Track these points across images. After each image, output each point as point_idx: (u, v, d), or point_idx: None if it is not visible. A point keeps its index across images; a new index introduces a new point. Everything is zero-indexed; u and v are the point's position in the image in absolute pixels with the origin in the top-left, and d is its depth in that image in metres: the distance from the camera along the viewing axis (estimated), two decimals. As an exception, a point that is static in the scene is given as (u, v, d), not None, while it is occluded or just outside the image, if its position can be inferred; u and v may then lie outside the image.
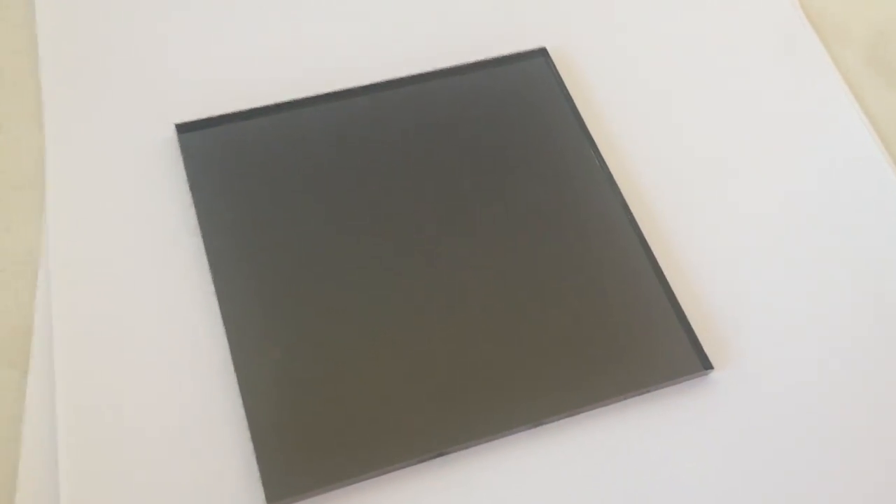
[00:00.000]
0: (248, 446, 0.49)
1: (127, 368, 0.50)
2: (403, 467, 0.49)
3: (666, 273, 0.56)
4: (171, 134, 0.58)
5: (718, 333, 0.55)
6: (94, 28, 0.62)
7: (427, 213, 0.56)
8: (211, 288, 0.53)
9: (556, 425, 0.51)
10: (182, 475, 0.48)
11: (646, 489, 0.50)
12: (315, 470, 0.48)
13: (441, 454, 0.49)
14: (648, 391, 0.52)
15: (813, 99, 0.65)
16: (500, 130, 0.60)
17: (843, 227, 0.60)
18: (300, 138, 0.58)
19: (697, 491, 0.50)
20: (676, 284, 0.56)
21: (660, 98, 0.64)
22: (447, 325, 0.53)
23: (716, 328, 0.55)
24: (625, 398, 0.52)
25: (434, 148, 0.59)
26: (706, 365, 0.53)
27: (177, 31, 0.62)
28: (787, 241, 0.59)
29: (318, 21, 0.65)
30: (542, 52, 0.64)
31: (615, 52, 0.66)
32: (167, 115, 0.58)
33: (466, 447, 0.50)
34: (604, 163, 0.59)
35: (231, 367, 0.51)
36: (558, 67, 0.64)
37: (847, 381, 0.54)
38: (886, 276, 0.58)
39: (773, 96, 0.65)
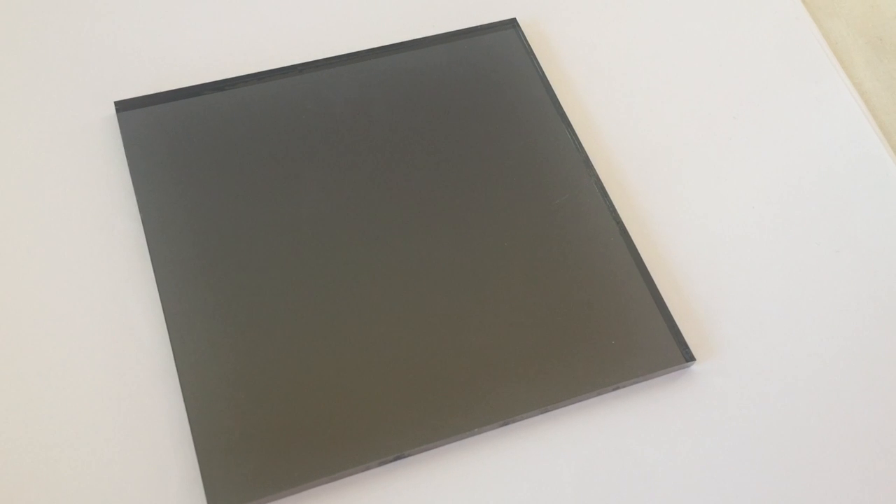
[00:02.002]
0: (191, 452, 0.45)
1: (58, 365, 0.47)
2: (359, 472, 0.46)
3: (645, 259, 0.53)
4: (111, 112, 0.55)
5: (700, 324, 0.52)
6: (30, 1, 0.58)
7: (388, 198, 0.53)
8: (151, 278, 0.49)
9: (528, 422, 0.48)
10: (121, 486, 0.44)
11: (625, 486, 0.47)
12: (262, 476, 0.44)
13: (400, 457, 0.46)
14: (627, 385, 0.49)
15: (801, 75, 0.63)
16: (467, 108, 0.57)
17: (834, 212, 0.57)
18: (249, 116, 0.55)
19: (680, 486, 0.47)
20: (656, 271, 0.53)
21: (637, 74, 0.61)
22: (409, 319, 0.49)
23: (697, 319, 0.52)
24: (602, 393, 0.49)
25: (395, 126, 0.55)
26: (688, 357, 0.50)
27: (117, 5, 0.59)
28: (773, 228, 0.56)
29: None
30: (512, 24, 0.60)
31: (590, 23, 0.63)
32: (106, 92, 0.55)
33: (429, 448, 0.46)
34: (579, 143, 0.56)
35: (173, 364, 0.47)
36: (529, 39, 0.61)
37: (831, 371, 0.52)
38: (875, 264, 0.55)
39: (759, 73, 0.62)
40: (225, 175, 0.52)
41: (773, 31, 0.64)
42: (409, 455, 0.46)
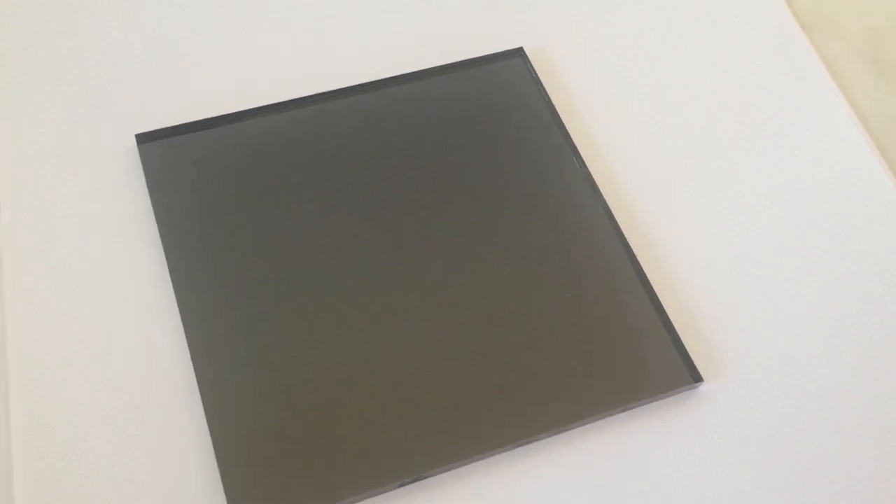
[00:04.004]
0: (214, 472, 0.46)
1: (84, 390, 0.48)
2: (378, 494, 0.47)
3: (652, 282, 0.55)
4: (132, 144, 0.56)
5: (708, 344, 0.53)
6: (50, 36, 0.60)
7: (400, 226, 0.54)
8: (174, 304, 0.51)
9: (540, 444, 0.49)
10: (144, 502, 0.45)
11: (635, 509, 0.48)
12: (284, 497, 0.45)
13: (418, 479, 0.47)
14: (636, 406, 0.50)
15: (801, 96, 0.64)
16: (476, 135, 0.58)
17: (835, 230, 0.58)
18: (266, 147, 0.56)
19: (689, 508, 0.48)
20: (663, 294, 0.55)
21: (642, 99, 0.62)
22: (424, 342, 0.50)
23: (705, 339, 0.53)
24: (611, 414, 0.50)
25: (406, 156, 0.57)
26: (695, 377, 0.51)
27: (136, 41, 0.61)
28: (777, 245, 0.57)
29: (283, 27, 0.63)
30: (519, 52, 0.62)
31: (595, 51, 0.64)
32: (127, 125, 0.57)
33: (445, 471, 0.48)
34: (585, 167, 0.57)
35: (196, 387, 0.48)
36: (536, 68, 0.62)
37: (840, 389, 0.53)
38: (879, 277, 0.57)
39: (760, 95, 0.63)
40: (244, 203, 0.54)
41: (774, 54, 0.65)
42: (426, 477, 0.47)
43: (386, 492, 0.47)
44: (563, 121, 0.60)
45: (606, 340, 0.51)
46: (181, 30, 0.62)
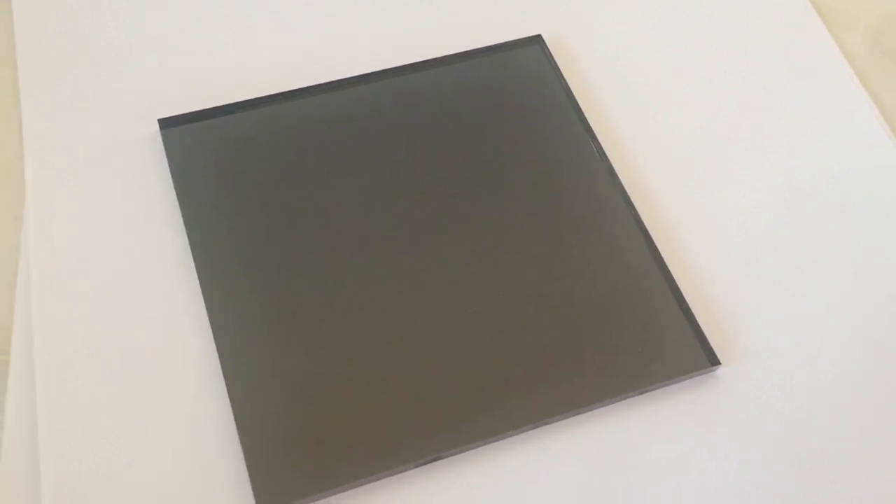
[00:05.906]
0: (238, 453, 0.47)
1: (110, 373, 0.49)
2: (398, 473, 0.47)
3: (669, 266, 0.55)
4: (154, 129, 0.57)
5: (725, 328, 0.53)
6: (73, 24, 0.61)
7: (420, 209, 0.55)
8: (197, 288, 0.52)
9: (557, 426, 0.50)
10: (170, 485, 0.46)
11: (651, 490, 0.48)
12: (307, 477, 0.46)
13: (437, 458, 0.48)
14: (653, 389, 0.51)
15: (818, 85, 0.64)
16: (495, 121, 0.58)
17: (853, 217, 0.58)
18: (287, 132, 0.57)
19: (705, 490, 0.49)
20: (681, 277, 0.55)
21: (659, 85, 0.62)
22: (443, 324, 0.51)
23: (722, 322, 0.53)
24: (628, 397, 0.50)
25: (426, 141, 0.57)
26: (713, 361, 0.51)
27: (158, 26, 0.62)
28: (795, 231, 0.57)
29: (304, 14, 0.63)
30: (538, 40, 0.62)
31: (612, 38, 0.64)
32: (150, 110, 0.57)
33: (464, 451, 0.48)
34: (603, 153, 0.58)
35: (219, 370, 0.49)
36: (554, 55, 0.62)
37: (858, 375, 0.53)
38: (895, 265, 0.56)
39: (778, 83, 0.64)
40: (266, 188, 0.54)
41: (791, 44, 0.65)
42: (445, 457, 0.48)
43: (403, 471, 0.47)
44: (581, 107, 0.60)
45: (623, 323, 0.52)
46: (203, 13, 0.62)
